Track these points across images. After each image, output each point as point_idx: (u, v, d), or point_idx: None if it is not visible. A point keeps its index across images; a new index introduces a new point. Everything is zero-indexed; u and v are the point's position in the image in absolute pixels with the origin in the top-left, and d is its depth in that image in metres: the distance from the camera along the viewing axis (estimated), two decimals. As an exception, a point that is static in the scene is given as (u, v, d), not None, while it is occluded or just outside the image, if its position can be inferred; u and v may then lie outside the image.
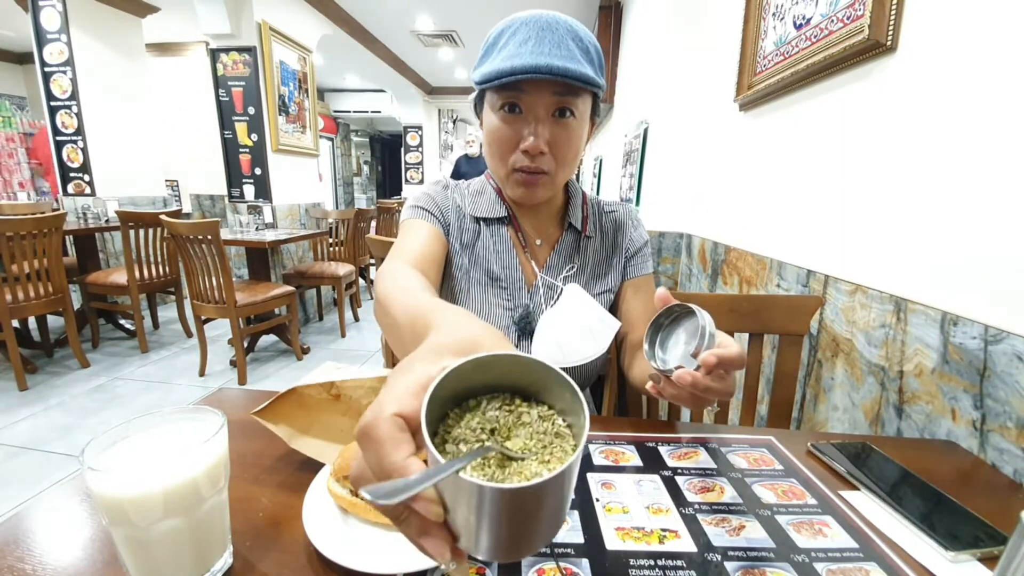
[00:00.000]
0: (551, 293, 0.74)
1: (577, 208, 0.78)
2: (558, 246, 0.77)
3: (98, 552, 0.40)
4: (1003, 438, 0.57)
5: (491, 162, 0.69)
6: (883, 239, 0.80)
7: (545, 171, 0.65)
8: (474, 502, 0.21)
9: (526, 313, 0.72)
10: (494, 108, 0.64)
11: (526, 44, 0.59)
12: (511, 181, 0.67)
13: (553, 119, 0.62)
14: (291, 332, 2.87)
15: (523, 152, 0.63)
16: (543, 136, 0.62)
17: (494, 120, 0.64)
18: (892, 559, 0.41)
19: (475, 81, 0.65)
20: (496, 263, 0.74)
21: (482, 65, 0.63)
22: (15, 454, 1.85)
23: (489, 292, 0.74)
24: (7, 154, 5.44)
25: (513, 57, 0.58)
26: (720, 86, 1.56)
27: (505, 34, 0.62)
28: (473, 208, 0.76)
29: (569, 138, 0.64)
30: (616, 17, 3.27)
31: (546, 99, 0.61)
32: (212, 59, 3.26)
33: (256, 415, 0.51)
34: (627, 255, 0.80)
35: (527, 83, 0.60)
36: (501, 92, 0.62)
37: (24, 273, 2.28)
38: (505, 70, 0.58)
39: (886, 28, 0.79)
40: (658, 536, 0.43)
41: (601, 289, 0.78)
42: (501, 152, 0.66)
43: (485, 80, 0.61)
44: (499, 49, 0.61)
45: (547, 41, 0.59)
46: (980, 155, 0.63)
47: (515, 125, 0.63)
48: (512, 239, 0.76)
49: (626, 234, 0.81)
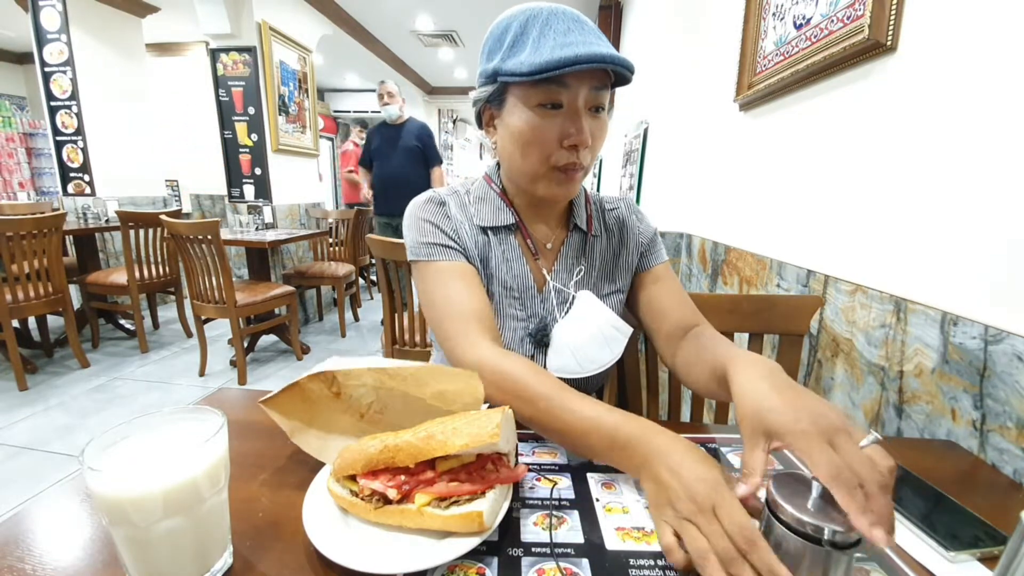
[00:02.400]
0: (561, 298, 0.73)
1: (581, 207, 0.76)
2: (564, 248, 0.75)
3: (98, 552, 0.40)
4: (1003, 438, 0.57)
5: (525, 162, 0.64)
6: (883, 239, 0.80)
7: (584, 166, 0.64)
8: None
9: (543, 325, 0.71)
10: (528, 105, 0.60)
11: (570, 34, 0.57)
12: (549, 179, 0.65)
13: (590, 114, 0.61)
14: (291, 332, 2.87)
15: (568, 148, 0.61)
16: (587, 130, 0.60)
17: (530, 118, 0.61)
18: (892, 559, 0.41)
19: (518, 72, 0.58)
20: (508, 273, 0.72)
21: (515, 56, 0.59)
22: (15, 454, 1.85)
23: (503, 303, 0.72)
24: (7, 154, 5.43)
25: (564, 47, 0.55)
26: (720, 86, 1.56)
27: (534, 24, 0.59)
28: (479, 217, 0.72)
29: (603, 131, 0.64)
30: (616, 17, 3.27)
31: (586, 93, 0.59)
32: (212, 59, 3.26)
33: (263, 404, 0.51)
34: (640, 250, 0.78)
35: (572, 77, 0.58)
36: (539, 88, 0.59)
37: (24, 273, 2.28)
38: (568, 58, 0.54)
39: (886, 28, 0.79)
40: (658, 536, 0.43)
41: (611, 290, 0.76)
42: (541, 150, 0.62)
43: (538, 71, 0.56)
44: (534, 40, 0.58)
45: (588, 31, 0.58)
46: (980, 155, 0.63)
47: (555, 120, 0.60)
48: (520, 246, 0.73)
49: (632, 229, 0.78)
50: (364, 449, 0.44)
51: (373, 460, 0.43)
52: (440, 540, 0.40)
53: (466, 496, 0.41)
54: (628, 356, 0.93)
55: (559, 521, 0.44)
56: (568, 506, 0.46)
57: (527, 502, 0.47)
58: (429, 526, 0.40)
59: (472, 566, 0.39)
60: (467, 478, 0.42)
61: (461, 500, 0.41)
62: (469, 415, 0.45)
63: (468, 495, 0.41)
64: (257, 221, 3.09)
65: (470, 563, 0.39)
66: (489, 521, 0.39)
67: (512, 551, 0.40)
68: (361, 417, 0.58)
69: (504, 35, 0.61)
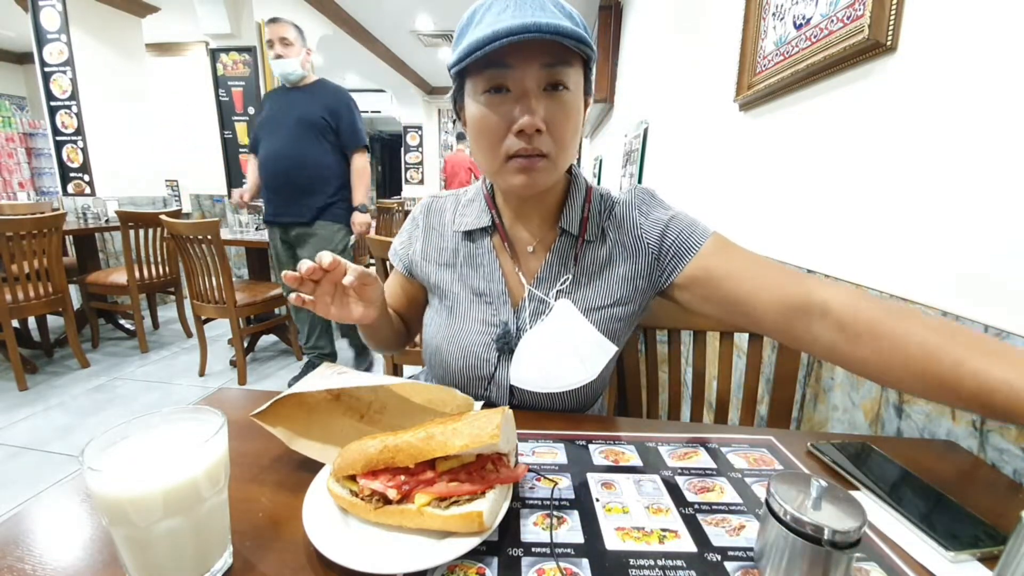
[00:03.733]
0: (541, 308, 0.66)
1: (575, 208, 0.67)
2: (551, 254, 0.68)
3: (98, 552, 0.40)
4: (1003, 438, 0.57)
5: (481, 156, 0.61)
6: (883, 238, 0.80)
7: (544, 153, 0.57)
8: None
9: (504, 332, 0.66)
10: (476, 93, 0.57)
11: (505, 12, 0.52)
12: (507, 170, 0.58)
13: (546, 94, 0.55)
14: (291, 332, 2.86)
15: (517, 134, 0.55)
16: (538, 112, 0.54)
17: (478, 107, 0.57)
18: (892, 559, 0.41)
19: (450, 66, 0.56)
20: (479, 278, 0.69)
21: (457, 47, 0.55)
22: (15, 454, 1.85)
23: (473, 307, 0.69)
24: (7, 154, 5.44)
25: (493, 24, 0.51)
26: (720, 86, 1.56)
27: (479, 11, 0.56)
28: (458, 222, 0.72)
29: (566, 113, 0.56)
30: (616, 17, 3.27)
31: (535, 72, 0.53)
32: (212, 59, 3.26)
33: (254, 417, 0.51)
34: (653, 252, 0.66)
35: (512, 56, 0.52)
36: (484, 73, 0.55)
37: (24, 273, 2.27)
38: (487, 36, 0.50)
39: (886, 28, 0.79)
40: (658, 536, 0.43)
41: (604, 302, 0.67)
42: (491, 141, 0.57)
43: (464, 55, 0.52)
44: (474, 25, 0.55)
45: (528, 5, 0.53)
46: (980, 155, 0.63)
47: (503, 107, 0.55)
48: (498, 248, 0.69)
49: (633, 229, 0.67)
50: (364, 449, 0.44)
51: (373, 460, 0.43)
52: (440, 540, 0.40)
53: (466, 496, 0.41)
54: (628, 356, 0.93)
55: (559, 521, 0.44)
56: (568, 506, 0.46)
57: (527, 502, 0.47)
58: (429, 526, 0.40)
59: (472, 566, 0.39)
60: (467, 478, 0.42)
61: (461, 500, 0.41)
62: (469, 415, 0.45)
63: (468, 495, 0.41)
64: (257, 221, 3.09)
65: (470, 563, 0.39)
66: (489, 521, 0.39)
67: (512, 551, 0.40)
68: (361, 418, 0.58)
69: (461, 24, 0.58)
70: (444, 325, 0.71)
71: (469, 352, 0.68)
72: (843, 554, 0.33)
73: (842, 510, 0.34)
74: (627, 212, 0.69)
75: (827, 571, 0.34)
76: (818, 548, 0.33)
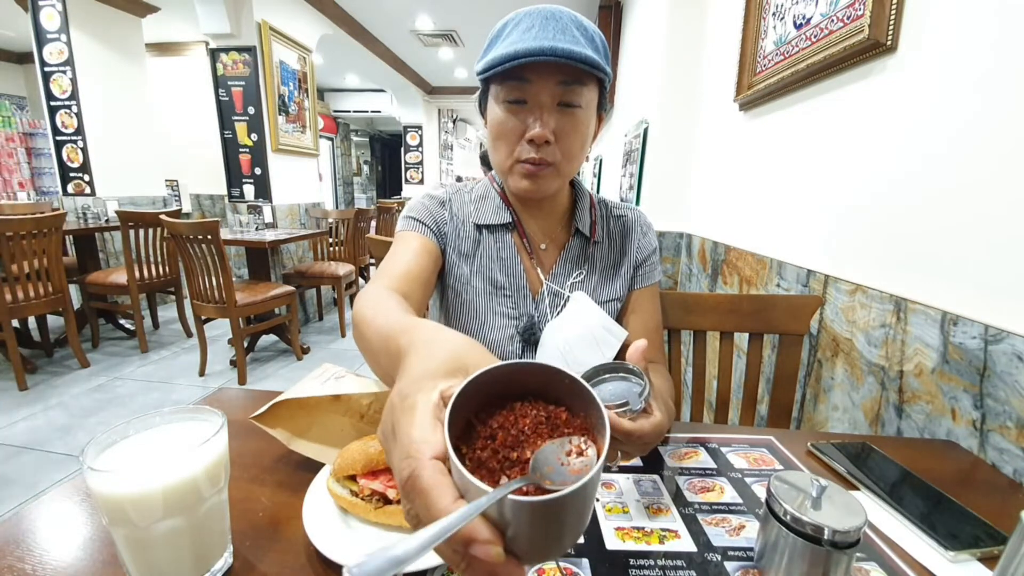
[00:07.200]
0: (557, 301, 0.73)
1: (585, 212, 0.76)
2: (565, 252, 0.75)
3: (98, 552, 0.40)
4: (1003, 438, 0.57)
5: (495, 156, 0.68)
6: (883, 239, 0.80)
7: (551, 162, 0.63)
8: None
9: (530, 324, 0.71)
10: (498, 101, 0.63)
11: (530, 31, 0.58)
12: (515, 173, 0.66)
13: (559, 109, 0.61)
14: (291, 332, 2.86)
15: (528, 142, 0.62)
16: (549, 124, 0.61)
17: (498, 112, 0.64)
18: (892, 559, 0.41)
19: (478, 72, 0.64)
20: (500, 271, 0.73)
21: (485, 56, 0.63)
22: (15, 454, 1.85)
23: (492, 301, 0.72)
24: (7, 154, 5.43)
25: (516, 43, 0.58)
26: (720, 86, 1.56)
27: (509, 25, 0.62)
28: (476, 215, 0.75)
29: (576, 127, 0.63)
30: (616, 17, 3.27)
31: (551, 88, 0.60)
32: (212, 59, 3.26)
33: (254, 420, 0.51)
34: (635, 264, 0.78)
35: (531, 72, 0.59)
36: (505, 84, 0.61)
37: (24, 273, 2.27)
38: (508, 55, 0.57)
39: (886, 28, 0.79)
40: (658, 536, 0.43)
41: (609, 297, 0.75)
42: (506, 144, 0.64)
43: (488, 68, 0.60)
44: (503, 39, 0.61)
45: (551, 28, 0.58)
46: (980, 155, 0.63)
47: (520, 116, 0.62)
48: (517, 245, 0.74)
49: (634, 241, 0.78)
50: (364, 449, 0.44)
51: (373, 460, 0.43)
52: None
53: (466, 496, 0.41)
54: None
55: (559, 521, 0.44)
56: (568, 506, 0.46)
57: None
58: (429, 526, 0.40)
59: (472, 566, 0.39)
60: (467, 478, 0.42)
61: (461, 500, 0.41)
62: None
63: (468, 495, 0.41)
64: (257, 221, 3.09)
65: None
66: (489, 521, 0.39)
67: (512, 551, 0.40)
68: (361, 418, 0.58)
69: (492, 34, 0.64)
70: (463, 324, 0.73)
71: (493, 348, 0.71)
72: (843, 554, 0.33)
73: (842, 510, 0.34)
74: (634, 226, 0.79)
75: (827, 571, 0.34)
76: (818, 548, 0.33)
